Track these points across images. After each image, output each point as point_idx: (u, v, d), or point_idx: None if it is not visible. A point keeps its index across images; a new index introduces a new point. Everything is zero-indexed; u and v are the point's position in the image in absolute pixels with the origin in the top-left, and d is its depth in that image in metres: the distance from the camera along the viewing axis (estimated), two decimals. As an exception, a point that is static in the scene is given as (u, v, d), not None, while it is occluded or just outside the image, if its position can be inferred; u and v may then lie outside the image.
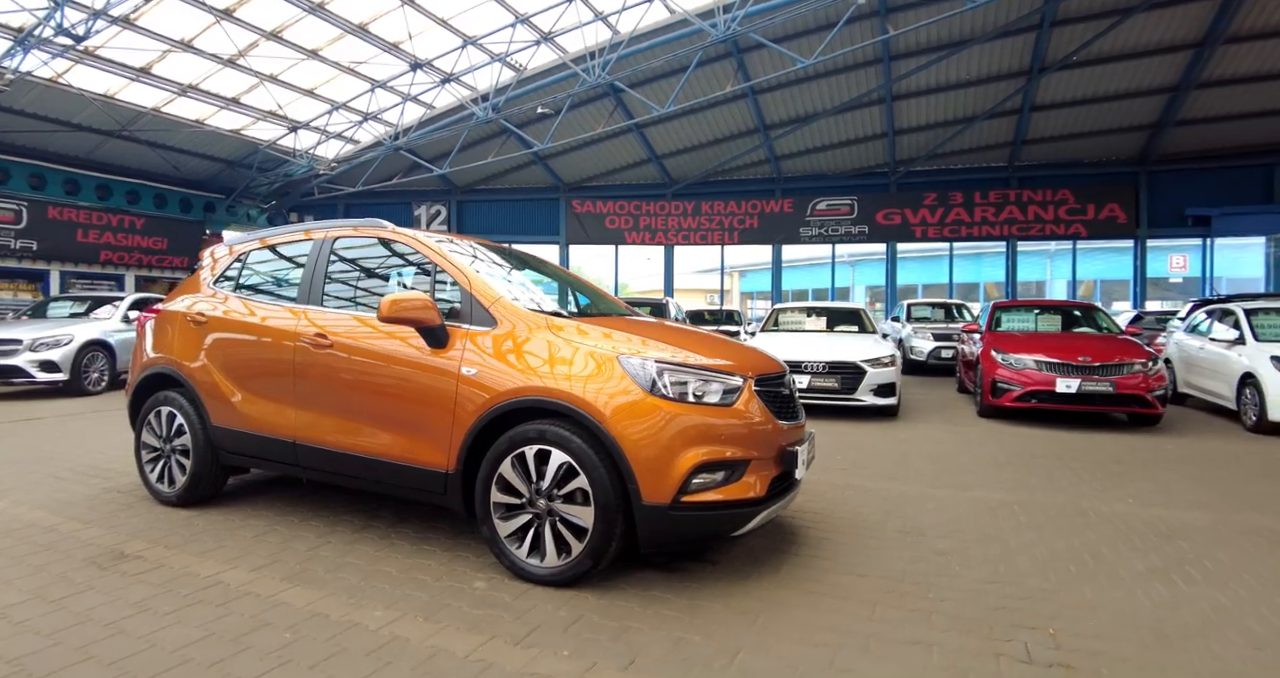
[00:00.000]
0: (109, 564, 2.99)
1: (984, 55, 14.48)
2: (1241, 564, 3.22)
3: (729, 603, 2.69)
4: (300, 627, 2.43)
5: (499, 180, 20.09)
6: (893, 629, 2.51)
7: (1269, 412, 6.88)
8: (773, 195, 19.66)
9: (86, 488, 4.27)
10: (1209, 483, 4.85)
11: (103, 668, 2.13)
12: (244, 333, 3.67)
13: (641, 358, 2.81)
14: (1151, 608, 2.73)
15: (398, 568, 2.99)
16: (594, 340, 2.93)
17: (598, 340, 2.93)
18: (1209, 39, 13.54)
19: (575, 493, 2.75)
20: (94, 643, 2.29)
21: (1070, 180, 18.04)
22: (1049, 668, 2.25)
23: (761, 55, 14.56)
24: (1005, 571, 3.11)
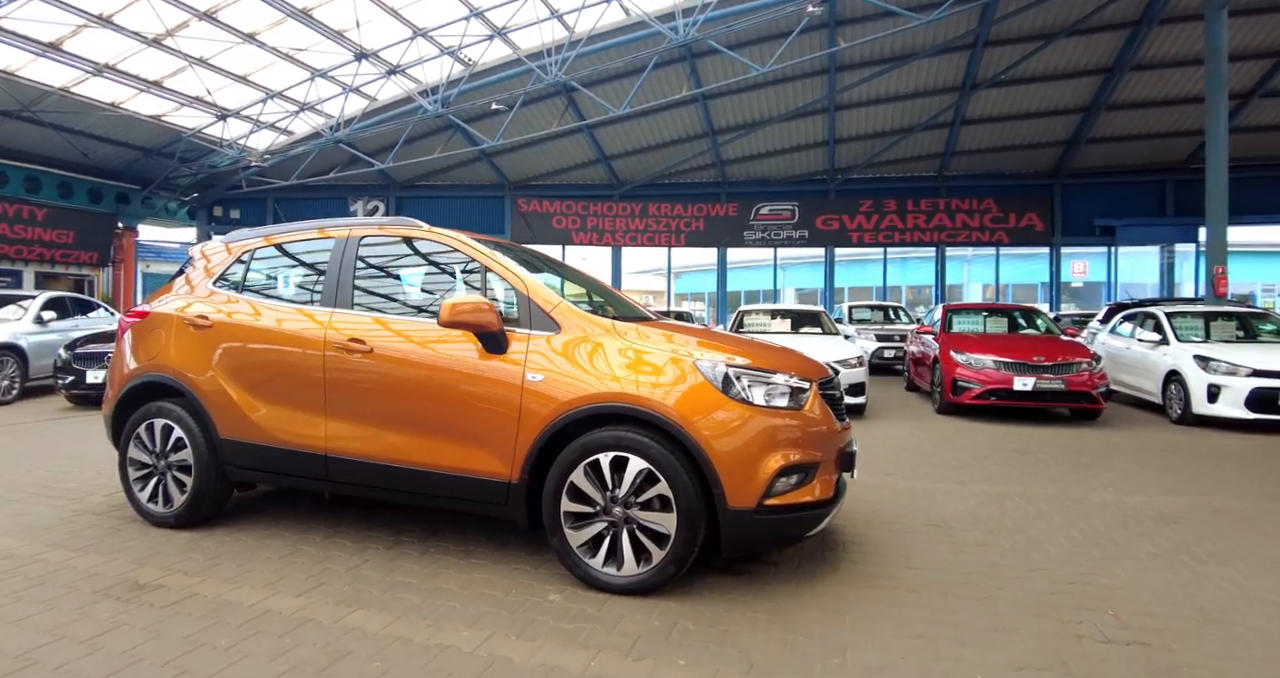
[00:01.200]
0: (128, 596, 2.70)
1: (923, 71, 15.25)
2: (1231, 544, 3.52)
3: (813, 603, 2.72)
4: (386, 654, 2.27)
5: (441, 177, 19.49)
6: (972, 618, 2.61)
7: (1193, 406, 7.56)
8: (718, 199, 19.99)
9: (53, 511, 3.85)
10: (1166, 471, 5.28)
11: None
12: (259, 338, 3.39)
13: (714, 362, 2.80)
14: (1181, 587, 2.95)
15: (458, 584, 2.85)
16: (661, 345, 2.89)
17: (664, 344, 2.90)
18: (1117, 66, 14.79)
19: (653, 500, 2.71)
20: (159, 684, 2.07)
21: (994, 191, 19.24)
22: (1128, 646, 2.40)
23: (714, 61, 14.79)
24: (1040, 558, 3.28)
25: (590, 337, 2.91)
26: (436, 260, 3.49)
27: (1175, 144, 17.31)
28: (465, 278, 3.38)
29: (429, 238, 3.38)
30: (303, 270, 3.64)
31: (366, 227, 3.49)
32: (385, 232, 3.46)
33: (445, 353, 3.02)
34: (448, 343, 3.03)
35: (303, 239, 3.67)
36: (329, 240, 3.51)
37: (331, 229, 3.57)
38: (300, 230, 3.71)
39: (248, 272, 3.66)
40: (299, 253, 3.67)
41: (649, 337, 2.95)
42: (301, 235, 3.68)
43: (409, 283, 3.55)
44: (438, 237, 3.35)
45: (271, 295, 3.59)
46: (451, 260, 3.45)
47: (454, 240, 3.32)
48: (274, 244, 3.70)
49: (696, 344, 2.93)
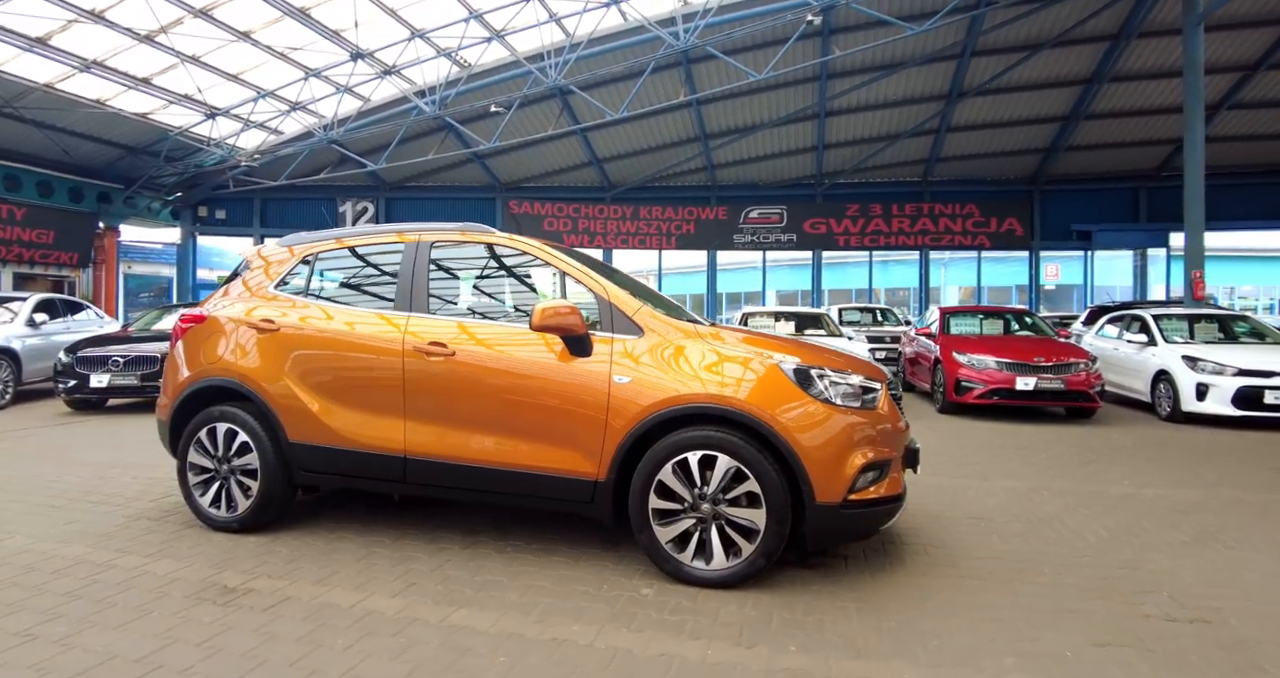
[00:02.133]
0: (223, 599, 2.73)
1: (912, 79, 15.62)
2: (1252, 532, 3.75)
3: (893, 592, 2.86)
4: (505, 649, 2.35)
5: (432, 178, 19.38)
6: (1041, 601, 2.78)
7: (1182, 404, 7.92)
8: (708, 202, 20.20)
9: (104, 517, 3.83)
10: (1170, 466, 5.55)
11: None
12: (332, 342, 3.41)
13: (795, 364, 2.93)
14: (1220, 571, 3.16)
15: (548, 581, 2.93)
16: (742, 348, 3.02)
17: (745, 348, 3.02)
18: (1096, 76, 15.33)
19: (740, 496, 2.82)
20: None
21: (976, 196, 19.74)
22: (1191, 624, 2.59)
23: (710, 66, 14.97)
24: (1083, 547, 3.47)
25: (673, 340, 3.01)
26: (510, 266, 3.56)
27: (1148, 152, 17.97)
28: (541, 283, 3.46)
29: (504, 243, 3.46)
30: (370, 274, 3.68)
31: (440, 231, 3.55)
32: (463, 237, 3.52)
33: (529, 356, 3.09)
34: (531, 346, 3.11)
35: (370, 243, 3.71)
36: (398, 245, 3.56)
37: (403, 233, 3.61)
38: (367, 234, 3.75)
39: (311, 275, 3.69)
40: (366, 257, 3.71)
41: (729, 340, 3.07)
42: (371, 240, 3.72)
43: (483, 288, 3.61)
44: (513, 243, 3.44)
45: (339, 299, 3.62)
46: (523, 265, 3.52)
47: (530, 246, 3.40)
48: (339, 248, 3.73)
49: (775, 347, 3.06)
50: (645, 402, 2.90)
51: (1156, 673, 2.25)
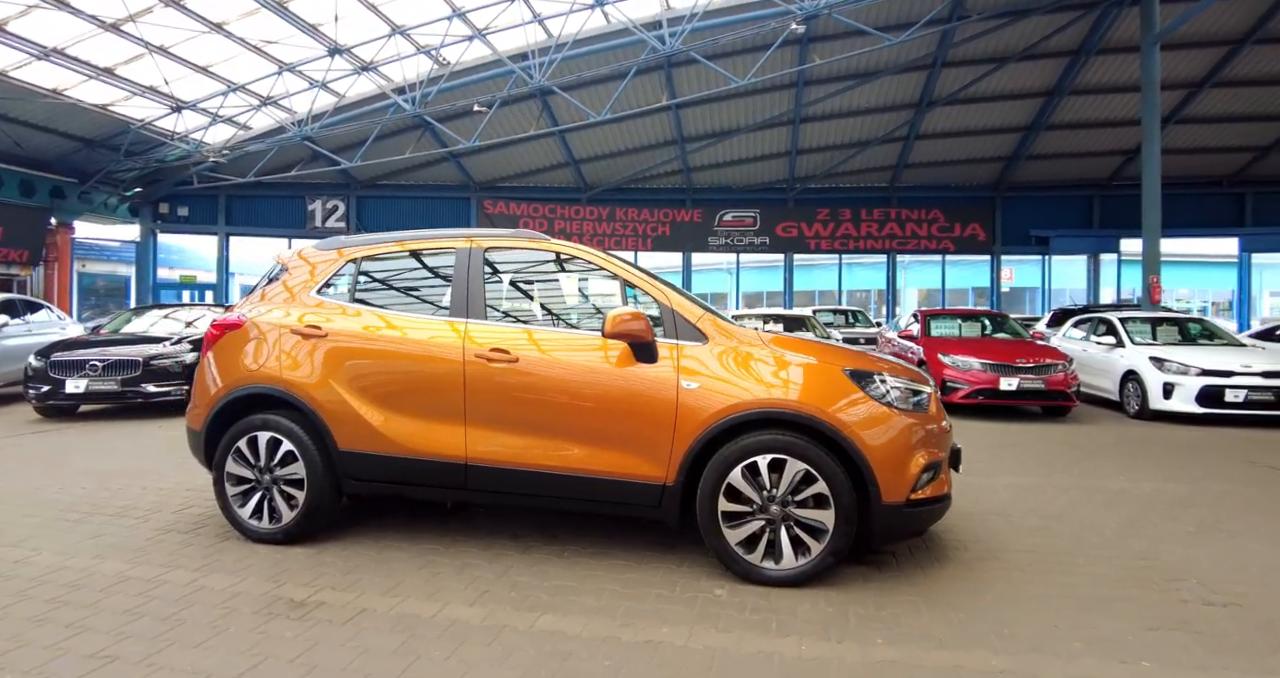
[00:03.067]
0: (296, 614, 2.68)
1: (884, 88, 16.08)
2: (1248, 522, 4.02)
3: (952, 585, 2.99)
4: (605, 653, 2.38)
5: (405, 176, 19.05)
6: (1086, 590, 2.95)
7: (1150, 402, 8.38)
8: (684, 205, 20.39)
9: (131, 530, 3.70)
10: (1154, 461, 5.88)
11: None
12: (386, 348, 3.38)
13: (858, 369, 3.05)
14: (1232, 558, 3.39)
15: (618, 585, 2.97)
16: (804, 354, 3.12)
17: (807, 354, 3.13)
18: (1057, 89, 16.05)
19: (809, 498, 2.92)
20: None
21: (941, 202, 20.42)
22: (1225, 607, 2.79)
23: (691, 71, 15.13)
24: (1101, 540, 3.67)
25: (737, 346, 3.10)
26: (567, 272, 3.59)
27: (1102, 162, 18.89)
28: (599, 290, 3.50)
29: (560, 250, 3.48)
30: (420, 280, 3.66)
31: (492, 237, 3.55)
32: (511, 243, 3.53)
33: (595, 363, 3.13)
34: (596, 352, 3.15)
35: (420, 248, 3.68)
36: (449, 250, 3.55)
37: (452, 239, 3.59)
38: (416, 239, 3.71)
39: (357, 280, 3.65)
40: (419, 263, 3.68)
41: (787, 346, 3.17)
42: (418, 244, 3.69)
43: (540, 294, 3.63)
44: (569, 249, 3.47)
45: (388, 305, 3.59)
46: (579, 271, 3.56)
47: (586, 253, 3.43)
48: (388, 252, 3.69)
49: (831, 353, 3.18)
50: (715, 407, 2.97)
51: (1208, 654, 2.43)
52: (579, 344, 3.20)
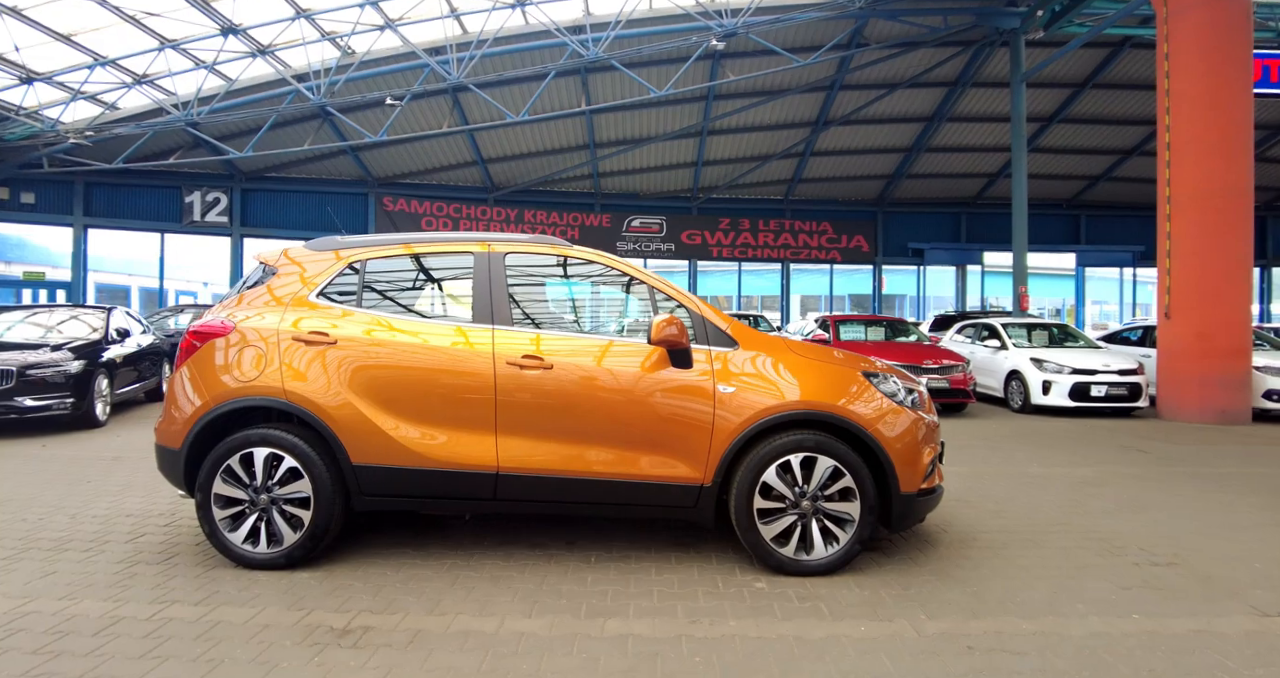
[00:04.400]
0: (347, 641, 2.49)
1: (787, 106, 17.05)
2: (1153, 498, 4.72)
3: (954, 564, 3.32)
4: (689, 650, 2.44)
5: (296, 169, 17.75)
6: (1061, 561, 3.37)
7: (1032, 398, 9.53)
8: (592, 210, 20.49)
9: (85, 565, 3.25)
10: (1055, 449, 6.71)
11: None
12: (409, 356, 3.21)
13: (874, 371, 3.33)
14: (1154, 528, 3.96)
15: (663, 585, 3.03)
16: (827, 358, 3.35)
17: (829, 358, 3.36)
18: (936, 116, 17.75)
19: (835, 492, 3.15)
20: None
21: (830, 215, 21.90)
22: (1170, 567, 3.27)
23: (607, 77, 15.29)
24: (1050, 518, 4.16)
25: (766, 351, 3.27)
26: (590, 279, 3.60)
27: (969, 183, 21.07)
28: (623, 297, 3.54)
29: (583, 257, 3.49)
30: (432, 284, 3.53)
31: (511, 242, 3.49)
32: (533, 249, 3.49)
33: (634, 368, 3.18)
34: (633, 358, 3.20)
35: (430, 251, 3.54)
36: (463, 254, 3.46)
37: (466, 243, 3.49)
38: (425, 241, 3.56)
39: (364, 283, 3.46)
40: (426, 265, 3.54)
41: (809, 351, 3.39)
42: (428, 247, 3.54)
43: (565, 300, 3.60)
44: (592, 256, 3.48)
45: (397, 309, 3.43)
46: (603, 278, 3.58)
47: (610, 260, 3.47)
48: (395, 254, 3.52)
49: (848, 356, 3.43)
50: (753, 409, 3.12)
51: (1174, 600, 2.91)
52: (615, 350, 3.24)
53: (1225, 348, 8.41)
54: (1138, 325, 11.88)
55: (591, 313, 3.66)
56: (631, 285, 3.51)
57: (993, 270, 22.36)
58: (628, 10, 12.34)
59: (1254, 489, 5.02)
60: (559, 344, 3.25)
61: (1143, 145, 18.79)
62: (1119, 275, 22.91)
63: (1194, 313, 8.57)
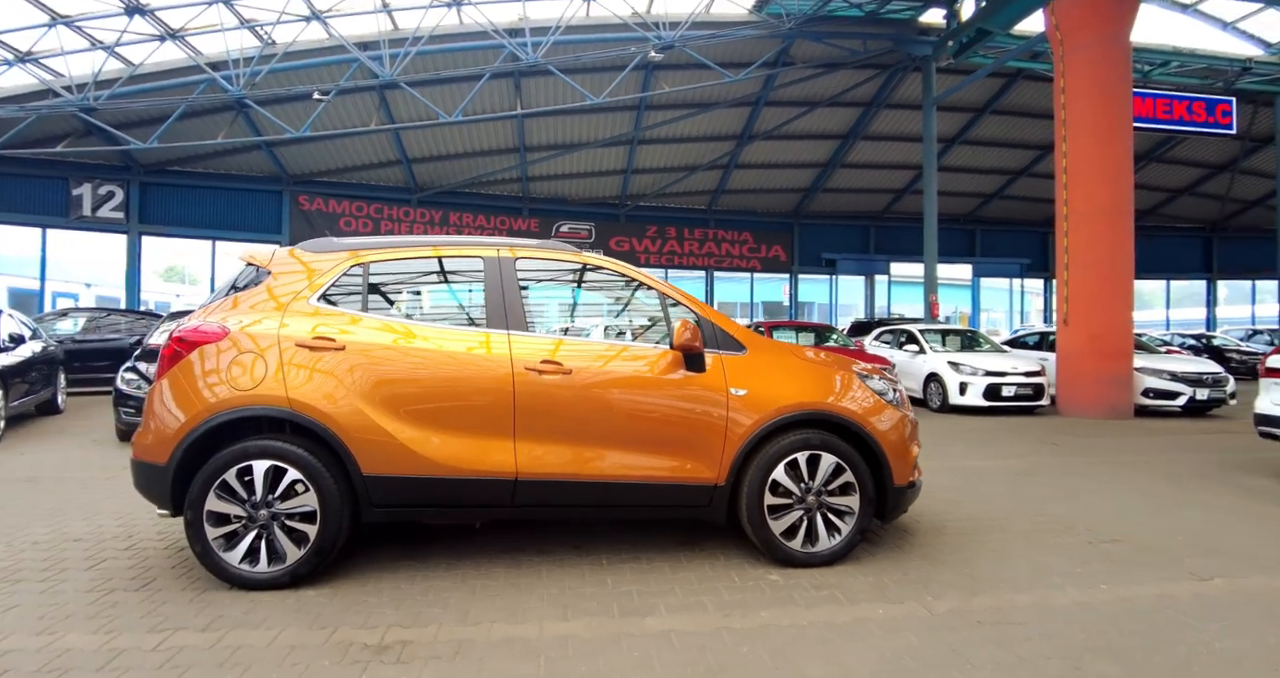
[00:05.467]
0: (385, 657, 2.43)
1: (715, 119, 17.58)
2: (1082, 485, 5.26)
3: (935, 549, 3.61)
4: (733, 641, 2.57)
5: (203, 163, 16.51)
6: (1025, 542, 3.73)
7: (950, 398, 10.31)
8: (520, 214, 20.27)
9: (51, 596, 2.96)
10: (983, 444, 7.33)
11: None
12: (424, 362, 3.14)
13: (865, 374, 3.58)
14: (1092, 510, 4.45)
15: (682, 583, 3.11)
16: (824, 361, 3.57)
17: (826, 359, 3.58)
18: (851, 133, 18.84)
19: (837, 487, 3.36)
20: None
21: (750, 225, 22.71)
22: (1115, 543, 3.70)
23: (541, 82, 15.23)
24: (1003, 506, 4.57)
25: (771, 354, 3.45)
26: (602, 285, 3.65)
27: (878, 198, 22.44)
28: (634, 303, 3.61)
29: (594, 263, 3.54)
30: (440, 287, 3.47)
31: (521, 247, 3.49)
32: (543, 254, 3.50)
33: (651, 372, 3.27)
34: (649, 362, 3.29)
35: (439, 254, 3.48)
36: (475, 259, 3.43)
37: (474, 246, 3.46)
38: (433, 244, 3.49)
39: (369, 287, 3.35)
40: (434, 269, 3.48)
41: (807, 354, 3.60)
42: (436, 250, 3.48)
43: (577, 306, 3.63)
44: (602, 262, 3.54)
45: (409, 314, 3.36)
46: (613, 284, 3.64)
47: (620, 266, 3.54)
48: (397, 257, 3.42)
49: (842, 359, 3.66)
50: (762, 411, 3.28)
51: (1129, 571, 3.32)
52: (631, 356, 3.31)
53: (1113, 350, 9.46)
54: (1035, 331, 13.08)
55: (603, 318, 3.72)
56: (642, 291, 3.60)
57: (898, 280, 23.92)
58: (567, 16, 12.38)
59: (1158, 475, 5.71)
60: (576, 349, 3.29)
61: (1031, 167, 20.71)
62: (1008, 285, 25.05)
63: (1088, 319, 9.59)
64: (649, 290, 3.56)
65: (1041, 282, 24.97)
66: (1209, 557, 3.58)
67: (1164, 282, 25.05)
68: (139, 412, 6.83)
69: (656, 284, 3.55)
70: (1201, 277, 25.07)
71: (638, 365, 3.30)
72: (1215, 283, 25.19)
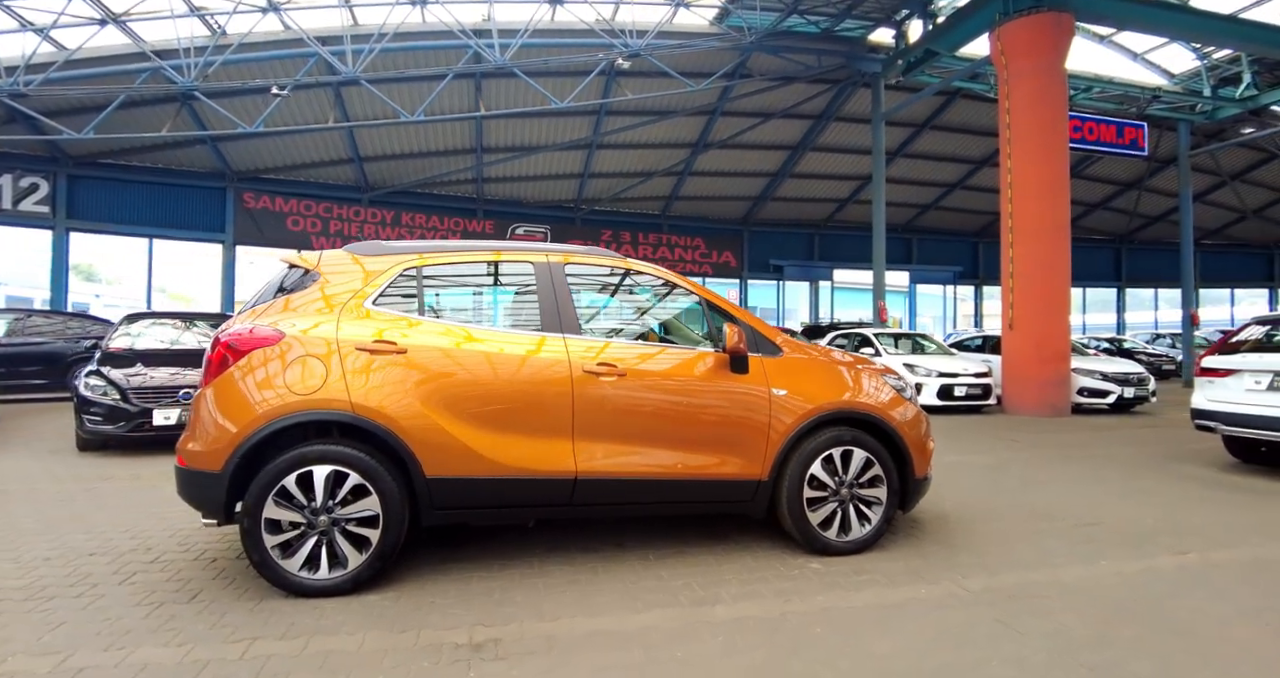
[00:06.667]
0: (483, 654, 2.50)
1: (674, 127, 17.90)
2: (1047, 477, 5.77)
3: (947, 537, 3.92)
4: (803, 624, 2.78)
5: (137, 156, 15.57)
6: (1019, 528, 4.08)
7: (904, 399, 10.93)
8: (475, 215, 20.03)
9: (94, 612, 2.88)
10: (950, 441, 7.78)
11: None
12: (487, 364, 3.20)
13: (887, 373, 3.86)
14: (1064, 499, 4.90)
15: (734, 573, 3.29)
16: (850, 361, 3.84)
17: (853, 360, 3.85)
18: (801, 145, 19.54)
19: (866, 480, 3.62)
20: None
21: (702, 231, 23.16)
22: (1096, 526, 4.10)
23: (503, 84, 15.16)
24: (988, 497, 4.96)
25: (804, 357, 3.68)
26: (644, 289, 3.78)
27: (823, 207, 23.32)
28: (675, 307, 3.77)
29: (638, 269, 3.68)
30: (496, 291, 3.53)
31: (567, 253, 3.59)
32: (590, 260, 3.62)
33: (700, 374, 3.44)
34: (696, 364, 3.46)
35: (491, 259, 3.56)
36: (525, 263, 3.52)
37: (522, 251, 3.55)
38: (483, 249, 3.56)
39: (423, 290, 3.39)
40: (485, 273, 3.54)
41: (835, 355, 3.86)
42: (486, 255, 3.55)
43: (624, 309, 3.75)
44: (646, 268, 3.69)
45: (462, 318, 3.41)
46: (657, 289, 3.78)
47: (663, 272, 3.70)
48: (448, 261, 3.46)
49: (864, 358, 3.94)
50: (801, 410, 3.51)
51: (1116, 549, 3.71)
52: (681, 358, 3.48)
53: (1054, 353, 10.25)
54: (977, 335, 13.95)
55: (647, 322, 3.86)
56: (684, 296, 3.77)
57: (840, 286, 24.90)
58: (535, 20, 12.41)
59: (1110, 466, 6.28)
60: (629, 352, 3.43)
61: (965, 179, 22.00)
62: (942, 292, 26.46)
63: (1031, 324, 10.35)
64: (690, 296, 3.73)
65: (972, 288, 26.49)
66: (1177, 535, 4.04)
67: (1081, 289, 27.00)
68: (107, 419, 6.50)
69: (697, 289, 3.73)
70: (1112, 285, 27.19)
71: (686, 367, 3.46)
72: (1124, 291, 27.37)
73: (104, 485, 5.29)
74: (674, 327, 4.26)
